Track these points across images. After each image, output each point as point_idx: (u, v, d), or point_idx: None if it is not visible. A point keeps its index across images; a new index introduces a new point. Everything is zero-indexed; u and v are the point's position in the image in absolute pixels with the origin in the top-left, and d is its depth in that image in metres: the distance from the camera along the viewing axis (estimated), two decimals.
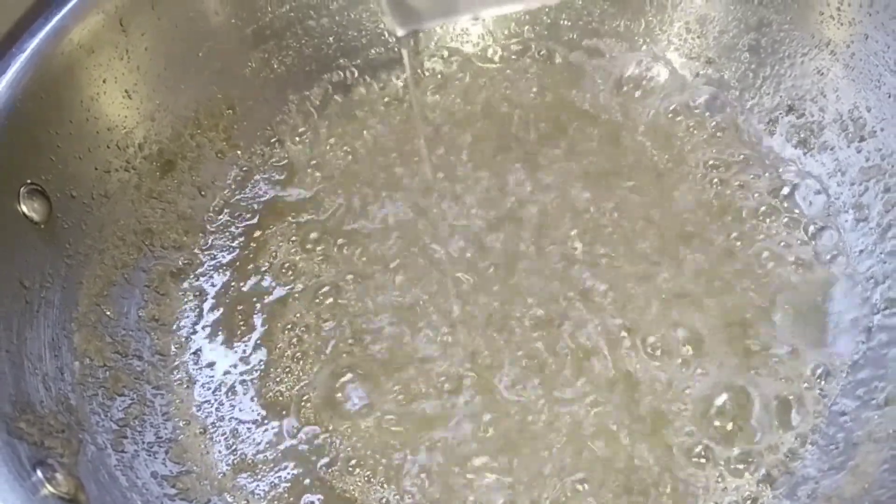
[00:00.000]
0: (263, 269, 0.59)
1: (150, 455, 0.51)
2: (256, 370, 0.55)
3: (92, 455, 0.47)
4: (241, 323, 0.57)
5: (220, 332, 0.57)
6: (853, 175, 0.57)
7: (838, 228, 0.57)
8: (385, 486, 0.50)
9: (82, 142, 0.55)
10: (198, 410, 0.54)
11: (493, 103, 0.66)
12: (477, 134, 0.64)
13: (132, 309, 0.56)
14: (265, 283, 0.58)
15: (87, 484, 0.45)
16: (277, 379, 0.55)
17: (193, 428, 0.53)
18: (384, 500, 0.50)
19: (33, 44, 0.52)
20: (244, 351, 0.56)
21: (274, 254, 0.60)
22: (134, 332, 0.55)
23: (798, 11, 0.59)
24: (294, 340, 0.56)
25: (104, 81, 0.56)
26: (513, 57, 0.68)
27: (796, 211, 0.58)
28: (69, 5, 0.54)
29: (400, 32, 0.49)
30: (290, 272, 0.59)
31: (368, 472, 0.51)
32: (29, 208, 0.50)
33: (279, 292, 0.58)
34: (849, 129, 0.58)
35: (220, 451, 0.52)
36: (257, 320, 0.57)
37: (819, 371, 0.52)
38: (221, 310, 0.58)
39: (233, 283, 0.59)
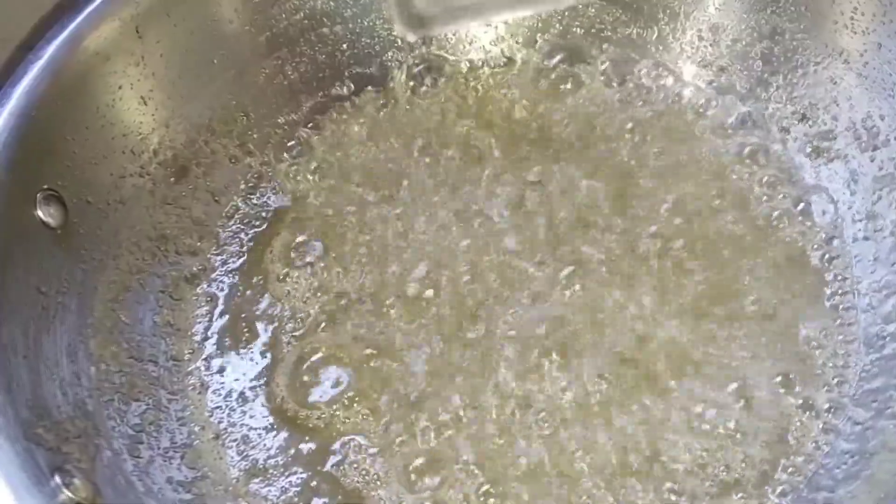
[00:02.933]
0: (271, 276, 0.59)
1: (165, 460, 0.51)
2: (264, 376, 0.55)
3: (108, 460, 0.47)
4: (249, 330, 0.57)
5: (229, 339, 0.57)
6: (866, 184, 0.57)
7: (852, 237, 0.57)
8: (394, 485, 0.51)
9: (98, 148, 0.55)
10: (211, 416, 0.54)
11: (503, 110, 0.66)
12: (488, 140, 0.64)
13: (147, 314, 0.56)
14: (272, 291, 0.59)
15: (104, 489, 0.45)
16: (284, 385, 0.55)
17: (207, 433, 0.54)
18: (394, 500, 0.50)
19: (50, 51, 0.53)
20: (251, 358, 0.56)
21: (282, 261, 0.60)
22: (149, 337, 0.55)
23: (811, 20, 0.60)
24: (299, 347, 0.56)
25: (120, 88, 0.56)
26: (524, 64, 0.68)
27: (809, 220, 0.58)
28: (86, 12, 0.54)
29: (411, 38, 0.49)
30: (297, 280, 0.59)
31: (377, 473, 0.51)
32: (46, 214, 0.50)
33: (286, 300, 0.58)
34: (862, 137, 0.58)
35: (232, 457, 0.53)
36: (264, 328, 0.57)
37: (832, 381, 0.52)
38: (230, 316, 0.58)
39: (240, 290, 0.59)
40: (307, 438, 0.53)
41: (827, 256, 0.57)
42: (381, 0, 0.65)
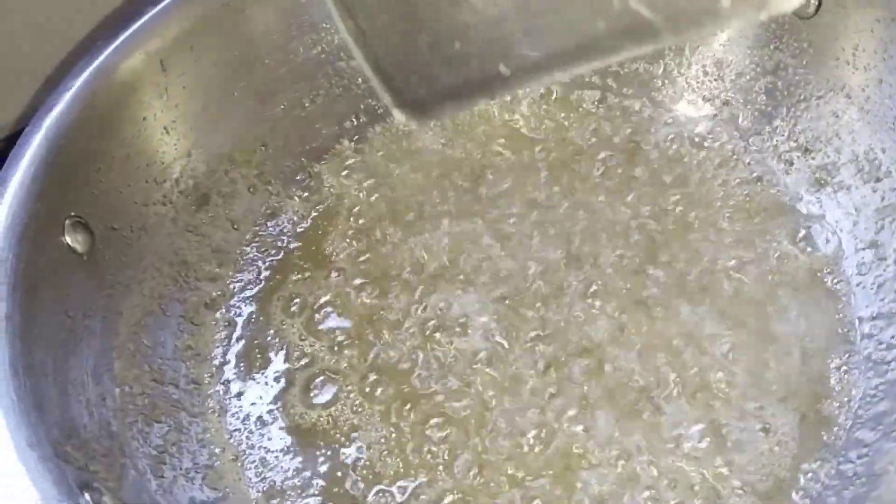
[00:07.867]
0: (287, 302, 0.61)
1: (187, 481, 0.52)
2: (280, 400, 0.56)
3: (133, 479, 0.48)
4: (265, 355, 0.59)
5: (245, 364, 0.58)
6: (869, 214, 0.59)
7: (855, 265, 0.58)
8: None
9: (122, 177, 0.56)
10: (230, 438, 0.55)
11: (510, 145, 0.67)
12: (497, 168, 0.66)
13: (168, 338, 0.57)
14: (287, 317, 0.60)
15: None
16: (300, 409, 0.56)
17: (227, 455, 0.54)
18: None
19: (78, 83, 0.54)
20: (267, 382, 0.57)
21: (297, 288, 0.61)
22: (170, 360, 0.57)
23: (814, 56, 0.61)
24: (314, 373, 0.57)
25: (144, 119, 0.58)
26: (532, 96, 0.69)
27: (813, 249, 0.60)
28: (113, 46, 0.56)
29: (414, 126, 0.46)
30: (312, 307, 0.60)
31: (394, 493, 0.52)
32: (73, 240, 0.52)
33: (300, 326, 0.59)
34: (864, 169, 0.59)
35: (251, 479, 0.54)
36: (279, 353, 0.58)
37: (837, 404, 0.53)
38: (247, 341, 0.59)
39: (256, 316, 0.60)
40: (322, 461, 0.54)
41: (831, 284, 0.58)
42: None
